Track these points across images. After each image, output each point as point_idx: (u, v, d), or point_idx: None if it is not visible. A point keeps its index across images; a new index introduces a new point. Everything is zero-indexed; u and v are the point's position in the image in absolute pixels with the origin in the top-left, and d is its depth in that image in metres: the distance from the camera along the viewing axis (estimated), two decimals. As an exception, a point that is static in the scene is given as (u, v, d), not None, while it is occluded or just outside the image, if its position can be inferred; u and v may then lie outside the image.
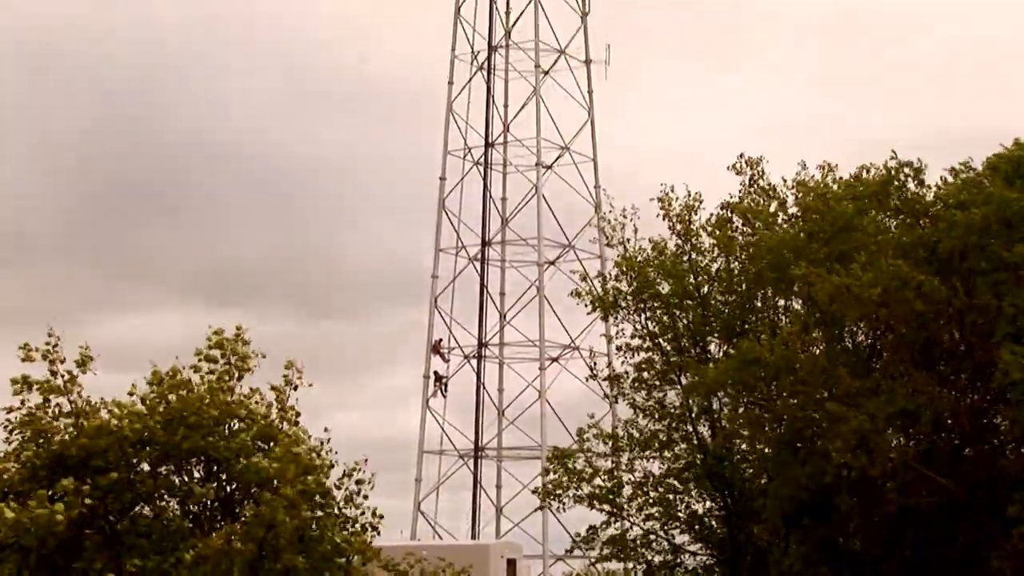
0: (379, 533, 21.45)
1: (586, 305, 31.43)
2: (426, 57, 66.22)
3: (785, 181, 29.47)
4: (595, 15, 53.46)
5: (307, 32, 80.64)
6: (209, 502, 20.80)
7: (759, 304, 29.40)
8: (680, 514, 30.00)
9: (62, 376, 20.33)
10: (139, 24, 80.00)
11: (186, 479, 20.74)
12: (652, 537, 30.33)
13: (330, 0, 76.00)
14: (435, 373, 51.61)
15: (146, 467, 20.50)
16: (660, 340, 30.05)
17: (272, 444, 20.54)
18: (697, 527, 30.01)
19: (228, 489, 20.86)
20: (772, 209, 29.43)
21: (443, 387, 51.57)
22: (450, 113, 53.35)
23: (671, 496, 30.02)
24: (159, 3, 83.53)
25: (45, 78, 79.95)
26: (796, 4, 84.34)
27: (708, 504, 29.85)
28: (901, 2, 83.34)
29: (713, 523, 29.94)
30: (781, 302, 29.08)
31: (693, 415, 29.63)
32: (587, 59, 53.14)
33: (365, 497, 21.04)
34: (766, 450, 28.01)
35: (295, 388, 21.08)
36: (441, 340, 51.98)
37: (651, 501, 30.07)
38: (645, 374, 30.34)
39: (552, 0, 52.56)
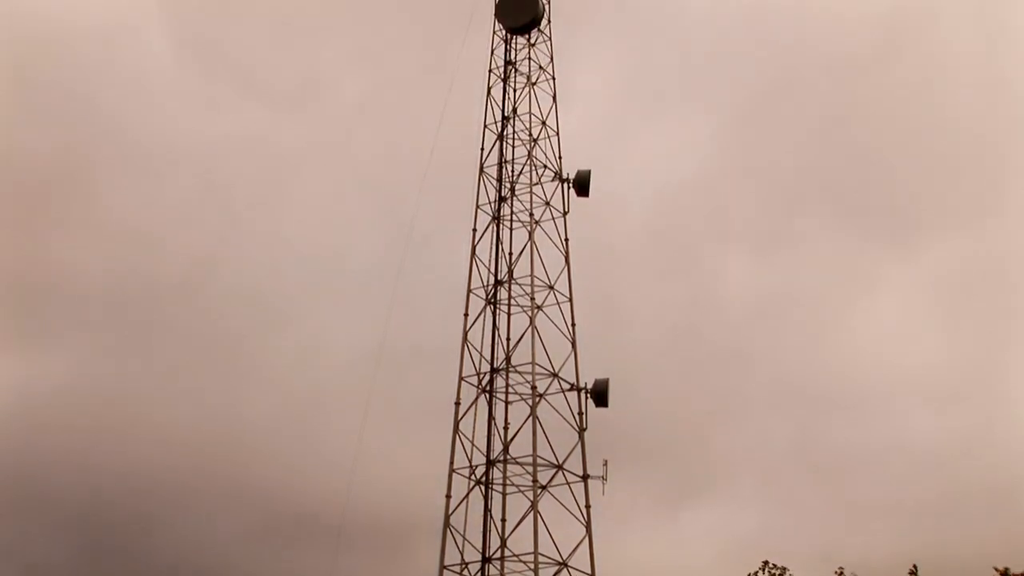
0: None
1: None
2: (415, 473, 66.49)
3: None
4: (591, 432, 54.60)
5: (292, 461, 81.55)
6: None
7: None
8: None
9: None
10: (123, 462, 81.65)
11: None
12: None
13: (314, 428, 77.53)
14: None
15: None
16: None
17: None
18: None
19: None
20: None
21: None
22: (447, 528, 53.01)
23: None
24: (144, 452, 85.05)
25: (29, 512, 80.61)
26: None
27: None
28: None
29: None
30: None
31: None
32: (584, 474, 53.48)
33: None
34: None
35: None
36: None
37: None
38: None
39: (550, 415, 53.88)
